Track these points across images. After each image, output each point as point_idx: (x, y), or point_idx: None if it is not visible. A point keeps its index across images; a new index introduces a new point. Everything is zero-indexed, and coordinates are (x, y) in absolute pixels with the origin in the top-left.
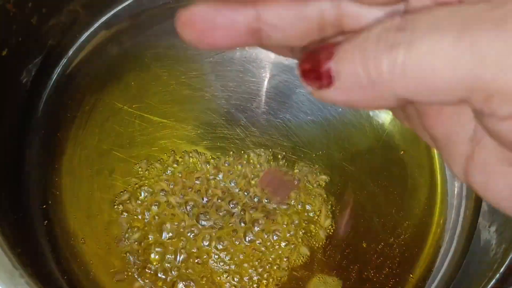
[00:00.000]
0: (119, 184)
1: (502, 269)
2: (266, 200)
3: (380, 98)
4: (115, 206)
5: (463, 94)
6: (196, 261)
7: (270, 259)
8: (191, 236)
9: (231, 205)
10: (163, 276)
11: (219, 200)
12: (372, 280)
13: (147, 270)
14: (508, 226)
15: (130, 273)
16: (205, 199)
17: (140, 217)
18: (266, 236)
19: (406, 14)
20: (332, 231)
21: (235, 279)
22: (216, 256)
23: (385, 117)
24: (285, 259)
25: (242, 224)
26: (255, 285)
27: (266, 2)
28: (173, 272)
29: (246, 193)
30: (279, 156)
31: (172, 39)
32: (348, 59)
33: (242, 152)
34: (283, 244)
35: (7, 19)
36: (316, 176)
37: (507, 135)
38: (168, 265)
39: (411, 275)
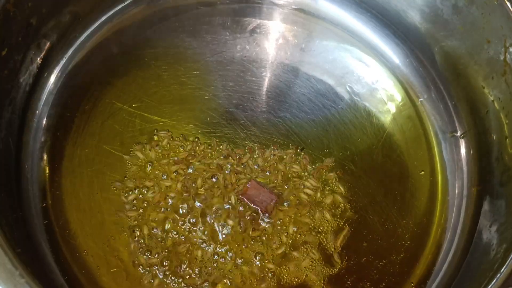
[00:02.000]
0: (119, 184)
1: (503, 269)
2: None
3: None
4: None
5: None
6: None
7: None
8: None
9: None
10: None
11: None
12: (373, 280)
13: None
14: (509, 226)
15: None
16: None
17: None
18: (263, 243)
19: None
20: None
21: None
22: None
23: (385, 117)
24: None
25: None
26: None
27: None
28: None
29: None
30: (279, 155)
31: (172, 39)
32: None
33: (243, 150)
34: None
35: (7, 19)
36: (316, 175)
37: None
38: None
39: (412, 283)
